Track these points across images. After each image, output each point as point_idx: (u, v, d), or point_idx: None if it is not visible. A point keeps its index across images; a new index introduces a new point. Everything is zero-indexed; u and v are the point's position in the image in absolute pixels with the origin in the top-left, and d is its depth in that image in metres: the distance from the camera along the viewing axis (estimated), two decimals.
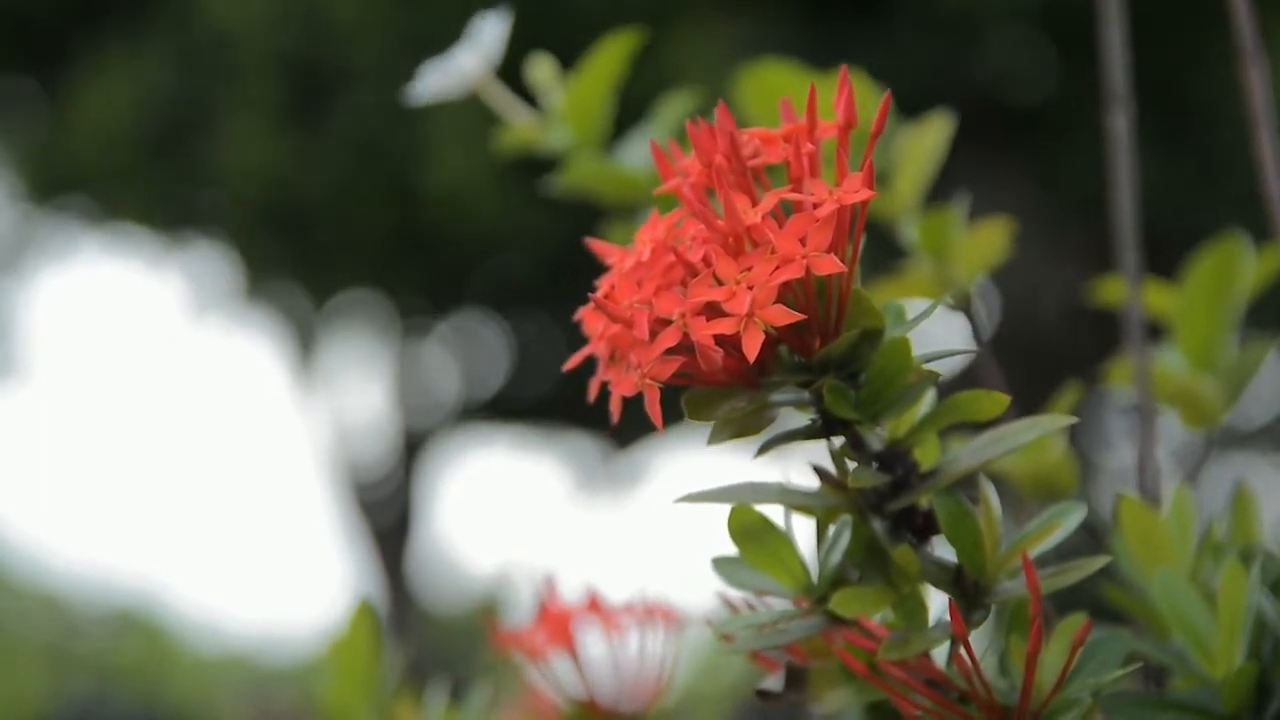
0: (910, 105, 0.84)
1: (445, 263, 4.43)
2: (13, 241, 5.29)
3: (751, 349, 0.50)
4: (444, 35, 0.85)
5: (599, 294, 0.53)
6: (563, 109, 0.84)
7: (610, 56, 0.84)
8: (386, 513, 5.75)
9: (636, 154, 0.85)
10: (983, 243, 0.82)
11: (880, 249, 0.54)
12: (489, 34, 0.83)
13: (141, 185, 4.42)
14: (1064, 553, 0.58)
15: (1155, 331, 0.84)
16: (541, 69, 0.85)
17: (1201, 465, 0.79)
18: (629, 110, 0.88)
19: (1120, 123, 0.81)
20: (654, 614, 0.80)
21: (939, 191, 0.85)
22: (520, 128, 0.85)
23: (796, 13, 3.73)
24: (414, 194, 3.93)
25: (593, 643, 0.80)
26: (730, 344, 0.51)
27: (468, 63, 0.82)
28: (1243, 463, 5.29)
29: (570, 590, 0.80)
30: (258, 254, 4.61)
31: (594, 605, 0.79)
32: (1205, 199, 3.67)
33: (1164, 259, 0.82)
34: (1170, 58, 3.60)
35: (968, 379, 0.78)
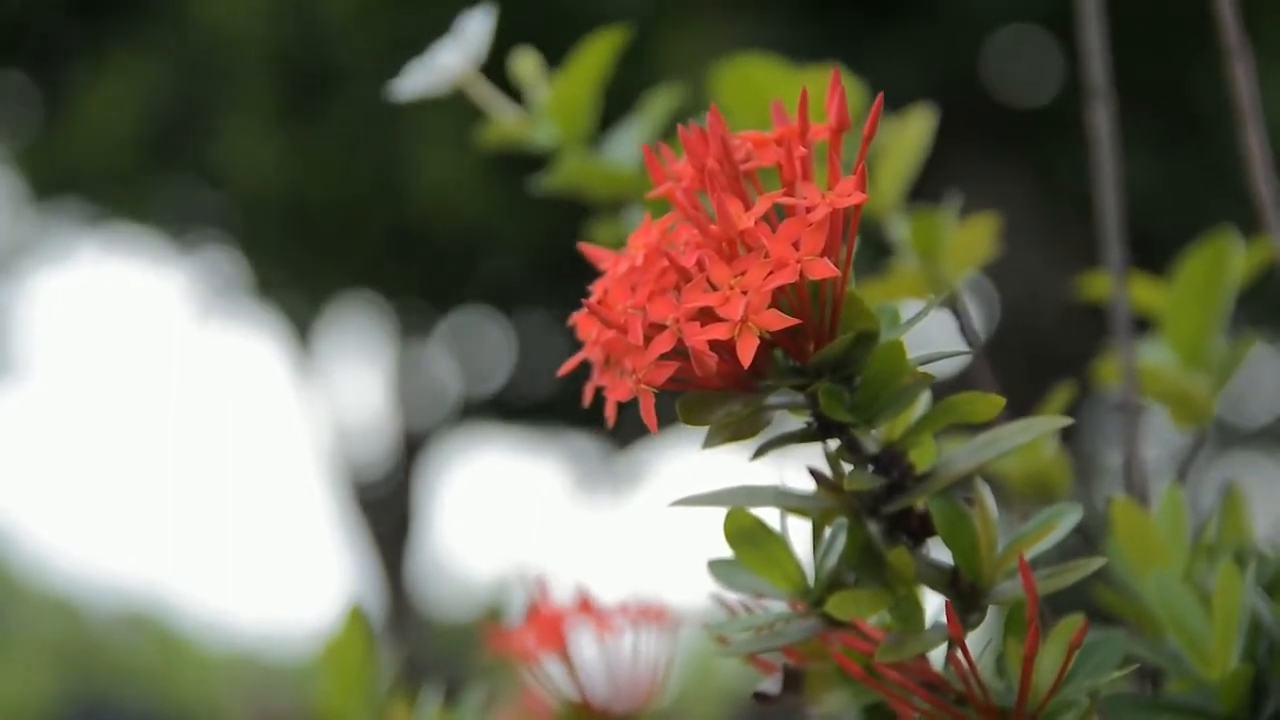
0: (913, 106, 0.84)
1: (441, 262, 4.43)
2: (13, 241, 5.29)
3: (746, 354, 0.50)
4: (436, 34, 0.85)
5: (593, 299, 0.53)
6: (549, 106, 0.84)
7: (597, 54, 0.83)
8: (387, 513, 5.75)
9: (623, 149, 0.84)
10: (970, 240, 0.82)
11: (862, 244, 0.54)
12: (473, 31, 0.83)
13: (141, 185, 4.42)
14: (1059, 554, 0.58)
15: (1145, 326, 0.84)
16: (525, 63, 0.85)
17: (1191, 463, 0.78)
18: (623, 108, 0.87)
19: (1102, 118, 0.81)
20: (648, 614, 0.80)
21: (940, 192, 0.85)
22: (504, 124, 0.85)
23: (798, 12, 3.73)
24: (407, 193, 3.93)
25: (587, 644, 0.80)
26: (725, 349, 0.51)
27: (452, 60, 0.82)
28: (1245, 462, 5.29)
29: (566, 591, 0.81)
30: (257, 254, 4.62)
31: (586, 606, 0.79)
32: (1213, 198, 3.67)
33: (1171, 259, 0.82)
34: (1174, 57, 3.60)
35: (963, 379, 0.78)
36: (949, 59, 3.78)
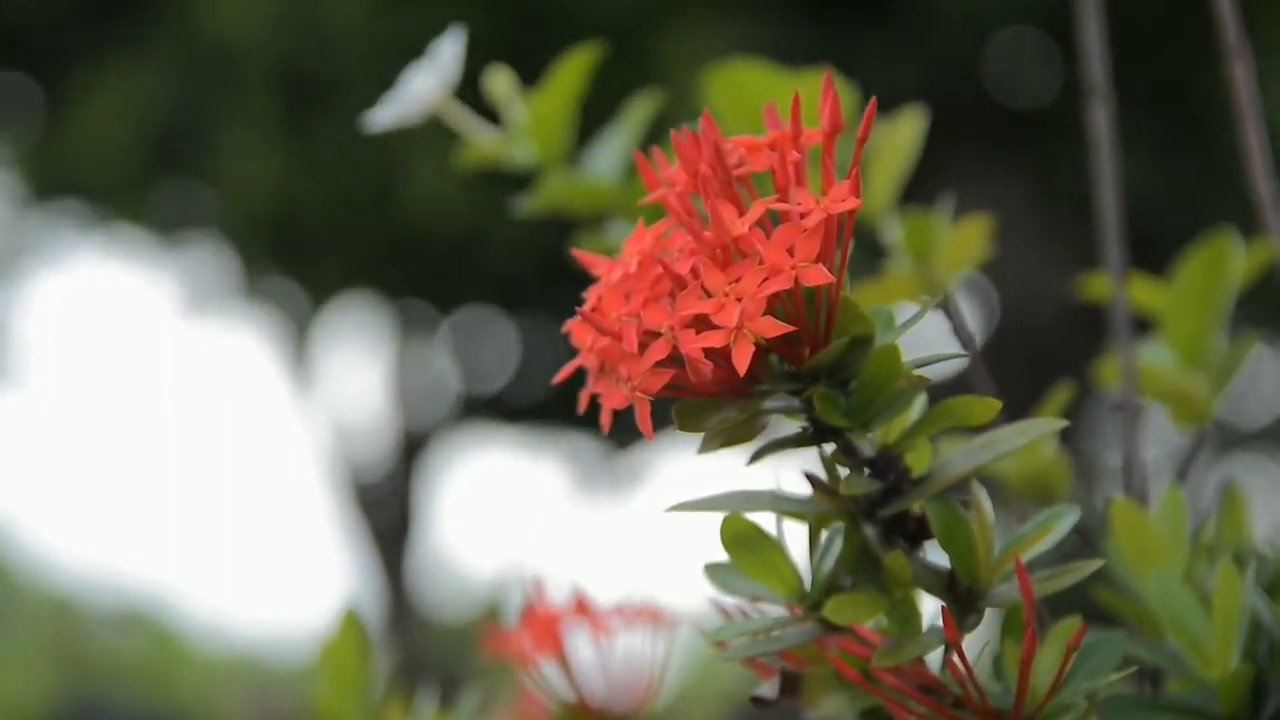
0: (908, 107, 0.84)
1: (438, 265, 4.43)
2: (13, 242, 5.30)
3: (742, 361, 0.50)
4: (431, 42, 0.85)
5: (587, 306, 0.53)
6: (526, 125, 0.83)
7: (574, 71, 0.83)
8: (386, 513, 5.75)
9: (603, 162, 0.84)
10: (963, 241, 0.81)
11: (855, 246, 0.54)
12: (445, 55, 0.82)
13: (141, 189, 4.42)
14: (1059, 555, 0.58)
15: (1145, 326, 0.84)
16: (499, 82, 0.85)
17: (1190, 464, 0.78)
18: (620, 112, 0.87)
19: (1101, 117, 0.81)
20: (644, 615, 0.80)
21: (939, 193, 0.85)
22: (481, 145, 0.84)
23: (796, 14, 3.72)
24: (402, 197, 3.94)
25: (584, 645, 0.80)
26: (720, 356, 0.51)
27: (425, 86, 0.82)
28: (1245, 463, 5.29)
29: (563, 591, 0.81)
30: (255, 257, 4.62)
31: (583, 607, 0.79)
32: (1213, 198, 3.67)
33: (1170, 260, 0.82)
34: (1174, 57, 3.60)
35: (960, 381, 0.78)
36: (948, 59, 3.78)
